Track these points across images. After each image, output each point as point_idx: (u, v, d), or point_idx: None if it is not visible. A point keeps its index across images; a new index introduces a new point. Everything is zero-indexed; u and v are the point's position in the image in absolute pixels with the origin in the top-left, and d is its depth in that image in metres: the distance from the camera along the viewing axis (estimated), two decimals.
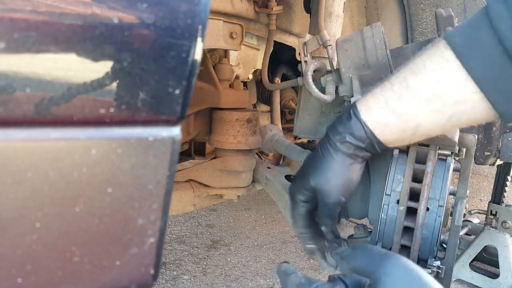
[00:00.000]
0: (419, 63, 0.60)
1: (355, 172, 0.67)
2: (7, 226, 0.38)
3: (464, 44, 0.56)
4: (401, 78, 0.61)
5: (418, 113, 0.60)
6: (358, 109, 0.64)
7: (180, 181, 1.21)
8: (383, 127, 0.63)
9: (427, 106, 0.59)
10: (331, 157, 0.66)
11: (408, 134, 0.63)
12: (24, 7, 0.34)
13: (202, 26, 0.41)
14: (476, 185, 3.73)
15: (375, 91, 0.64)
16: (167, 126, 0.43)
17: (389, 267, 0.47)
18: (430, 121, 0.61)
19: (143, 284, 0.48)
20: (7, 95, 0.35)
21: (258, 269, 2.01)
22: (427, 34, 1.36)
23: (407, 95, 0.60)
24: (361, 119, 0.63)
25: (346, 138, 0.65)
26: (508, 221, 1.89)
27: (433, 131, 0.63)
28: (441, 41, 0.59)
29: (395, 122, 0.62)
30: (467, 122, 0.61)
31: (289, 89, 1.67)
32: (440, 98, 0.58)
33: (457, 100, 0.57)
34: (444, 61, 0.57)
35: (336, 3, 1.07)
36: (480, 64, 0.54)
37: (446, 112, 0.59)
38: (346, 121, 0.65)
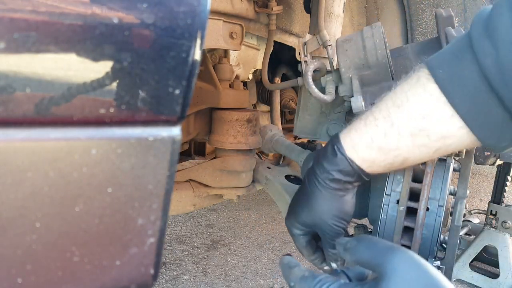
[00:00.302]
0: (401, 94, 0.59)
1: (347, 203, 0.67)
2: (7, 226, 0.38)
3: (448, 78, 0.54)
4: (384, 112, 0.60)
5: (405, 148, 0.59)
6: (342, 146, 0.63)
7: (180, 181, 1.21)
8: (371, 163, 0.62)
9: (413, 142, 0.58)
10: (320, 193, 0.65)
11: (396, 165, 0.63)
12: (24, 7, 0.34)
13: (202, 26, 0.41)
14: (476, 185, 3.73)
15: (358, 126, 0.63)
16: (167, 126, 0.43)
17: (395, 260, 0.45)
18: (417, 154, 0.60)
19: (143, 284, 0.48)
20: (7, 95, 0.35)
21: (258, 269, 2.01)
22: (427, 34, 1.36)
23: (392, 131, 0.59)
24: (347, 157, 0.62)
25: (334, 175, 0.64)
26: (508, 221, 1.89)
27: (421, 161, 0.64)
28: (423, 70, 0.57)
29: (382, 158, 0.61)
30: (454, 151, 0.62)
31: (289, 89, 1.67)
32: (425, 134, 0.57)
33: (443, 135, 0.56)
34: (427, 95, 0.56)
35: (336, 3, 1.07)
36: (465, 99, 0.53)
37: (432, 146, 0.58)
38: (332, 157, 0.64)
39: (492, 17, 0.50)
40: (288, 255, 0.60)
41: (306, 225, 0.69)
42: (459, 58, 0.54)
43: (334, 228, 0.67)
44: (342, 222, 0.67)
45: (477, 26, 0.52)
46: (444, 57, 0.56)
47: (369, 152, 0.61)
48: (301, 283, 0.52)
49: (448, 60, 0.55)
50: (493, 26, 0.50)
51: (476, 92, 0.52)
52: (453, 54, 0.55)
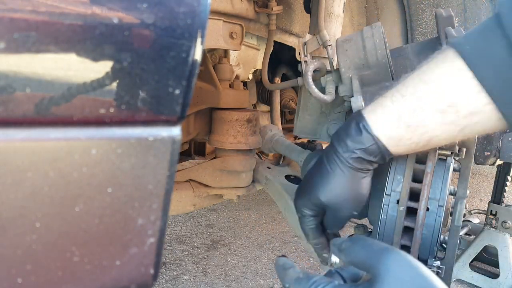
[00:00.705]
0: (429, 72, 0.59)
1: (365, 185, 0.66)
2: (7, 226, 0.38)
3: (475, 53, 0.54)
4: (412, 89, 0.59)
5: (432, 125, 0.59)
6: (368, 123, 0.62)
7: (180, 181, 1.21)
8: (397, 141, 0.61)
9: (441, 119, 0.58)
10: (341, 172, 0.64)
11: (421, 145, 0.62)
12: (24, 7, 0.34)
13: (202, 26, 0.41)
14: (476, 185, 3.73)
15: (384, 102, 0.62)
16: (167, 126, 0.43)
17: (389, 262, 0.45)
18: (443, 133, 0.59)
19: (143, 284, 0.48)
20: (7, 95, 0.35)
21: (258, 269, 2.01)
22: (427, 34, 1.36)
23: (420, 108, 0.58)
24: (373, 134, 0.61)
25: (357, 154, 0.62)
26: (508, 221, 1.89)
27: (445, 141, 0.62)
28: (450, 49, 0.57)
29: (409, 136, 0.60)
30: (478, 132, 0.60)
31: (289, 89, 1.67)
32: (453, 110, 0.57)
33: (470, 111, 0.56)
34: (455, 71, 0.56)
35: (336, 3, 1.07)
36: (492, 74, 0.53)
37: (459, 123, 0.58)
38: (356, 135, 0.62)
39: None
40: (283, 256, 0.60)
41: (321, 205, 0.67)
42: (486, 35, 0.54)
43: (350, 211, 0.66)
44: (359, 206, 0.67)
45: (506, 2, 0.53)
46: (470, 36, 0.57)
47: (396, 129, 0.60)
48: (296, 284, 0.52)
49: (475, 38, 0.56)
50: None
51: (504, 67, 0.52)
52: (480, 32, 0.56)
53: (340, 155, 0.64)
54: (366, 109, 0.64)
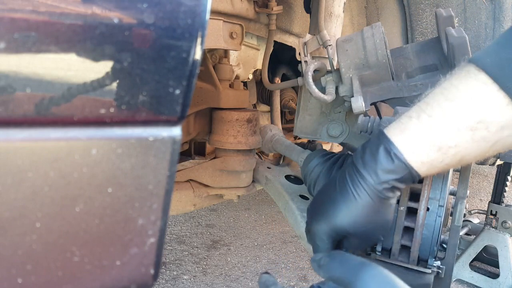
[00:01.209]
0: (452, 88, 0.56)
1: (392, 210, 0.63)
2: (7, 226, 0.38)
3: (498, 65, 0.53)
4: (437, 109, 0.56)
5: (463, 144, 0.56)
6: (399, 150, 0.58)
7: (180, 181, 1.21)
8: (429, 166, 0.58)
9: (472, 136, 0.55)
10: (370, 201, 0.60)
11: (452, 165, 0.59)
12: (24, 7, 0.34)
13: (202, 26, 0.41)
14: (476, 185, 3.73)
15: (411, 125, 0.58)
16: (167, 126, 0.43)
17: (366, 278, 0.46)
18: (474, 151, 0.57)
19: (143, 284, 0.48)
20: (7, 95, 0.35)
21: (258, 269, 2.01)
22: (427, 34, 1.36)
23: (450, 128, 0.56)
24: (407, 163, 0.58)
25: (392, 184, 0.59)
26: (508, 221, 1.89)
27: (476, 159, 0.60)
28: (470, 65, 0.55)
29: (441, 159, 0.58)
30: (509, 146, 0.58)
31: (289, 89, 1.67)
32: (484, 126, 0.54)
33: (501, 125, 0.54)
34: (480, 85, 0.54)
35: (336, 3, 1.07)
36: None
37: (491, 139, 0.55)
38: (387, 164, 0.58)
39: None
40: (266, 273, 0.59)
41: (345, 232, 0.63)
42: (506, 46, 0.54)
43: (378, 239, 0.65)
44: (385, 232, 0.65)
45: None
46: (489, 50, 0.56)
47: (428, 153, 0.57)
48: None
49: (495, 50, 0.55)
50: None
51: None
52: (499, 44, 0.55)
53: (369, 183, 0.60)
54: (390, 131, 0.60)
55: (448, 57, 0.80)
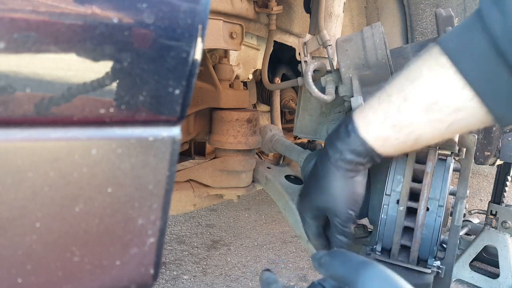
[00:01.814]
0: (415, 70, 0.59)
1: (359, 185, 0.67)
2: (7, 226, 0.38)
3: (458, 49, 0.55)
4: (398, 88, 0.60)
5: (418, 124, 0.59)
6: (356, 125, 0.63)
7: (180, 181, 1.21)
8: (384, 142, 0.62)
9: (427, 117, 0.58)
10: (333, 174, 0.66)
11: (409, 145, 0.62)
12: (24, 7, 0.34)
13: (202, 26, 0.41)
14: (476, 185, 3.73)
15: (372, 103, 0.63)
16: (167, 126, 0.43)
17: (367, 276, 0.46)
18: (430, 131, 0.60)
19: (143, 284, 0.48)
20: (7, 95, 0.35)
21: (258, 269, 2.01)
22: (427, 34, 1.36)
23: (406, 106, 0.59)
24: (360, 136, 0.62)
25: (346, 155, 0.64)
26: (508, 221, 1.89)
27: (433, 140, 0.63)
28: (435, 46, 0.58)
29: (396, 136, 0.61)
30: (465, 128, 0.61)
31: (289, 89, 1.67)
32: (438, 107, 0.57)
33: (455, 108, 0.56)
34: (439, 68, 0.56)
35: (336, 3, 1.07)
36: (474, 68, 0.53)
37: (445, 120, 0.58)
38: (345, 137, 0.64)
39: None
40: (267, 271, 0.60)
41: (318, 208, 0.69)
42: (468, 30, 0.55)
43: (346, 211, 0.67)
44: (355, 205, 0.67)
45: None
46: (454, 32, 0.57)
47: (382, 129, 0.61)
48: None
49: (458, 34, 0.56)
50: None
51: (485, 60, 0.53)
52: (463, 27, 0.56)
53: (330, 157, 0.65)
54: (356, 110, 0.65)
55: None
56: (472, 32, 0.54)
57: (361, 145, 0.62)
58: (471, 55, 0.54)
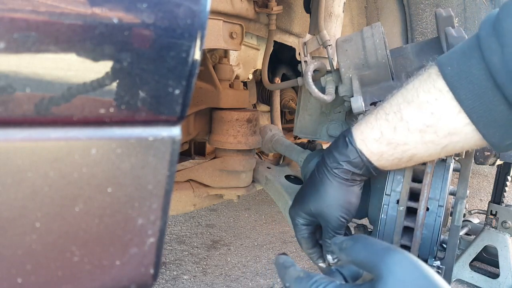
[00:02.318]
0: (412, 91, 0.60)
1: (353, 195, 0.68)
2: (7, 226, 0.38)
3: (456, 75, 0.56)
4: (395, 107, 0.61)
5: (413, 144, 0.61)
6: (353, 138, 0.65)
7: (180, 181, 1.21)
8: (379, 156, 0.64)
9: (421, 138, 0.60)
10: (329, 182, 0.67)
11: (404, 161, 0.64)
12: (24, 7, 0.34)
13: (202, 26, 0.41)
14: (476, 185, 3.73)
15: (370, 120, 0.65)
16: (167, 126, 0.43)
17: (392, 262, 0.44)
18: (425, 151, 0.61)
19: (143, 284, 0.48)
20: (7, 95, 0.35)
21: (258, 269, 2.01)
22: (427, 34, 1.36)
23: (401, 126, 0.60)
24: (357, 148, 0.64)
25: (343, 165, 0.66)
26: (508, 221, 1.89)
27: (429, 158, 0.64)
28: (434, 68, 0.59)
29: (391, 152, 0.63)
30: (461, 149, 0.62)
31: (289, 89, 1.67)
32: (433, 130, 0.58)
33: (449, 132, 0.58)
34: (436, 92, 0.57)
35: (336, 3, 1.07)
36: (471, 95, 0.54)
37: (439, 142, 0.59)
38: (342, 148, 0.66)
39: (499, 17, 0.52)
40: (283, 254, 0.59)
41: (311, 214, 0.71)
42: (467, 56, 0.55)
43: (338, 219, 0.68)
44: (347, 214, 0.68)
45: (485, 26, 0.54)
46: (453, 55, 0.58)
47: (378, 145, 0.63)
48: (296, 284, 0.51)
49: (457, 58, 0.57)
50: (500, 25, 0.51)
51: (482, 89, 0.53)
52: (462, 52, 0.57)
53: (328, 165, 0.68)
54: (355, 125, 0.67)
55: None
56: (471, 60, 0.55)
57: (358, 157, 0.65)
58: (467, 82, 0.54)
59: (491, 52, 0.52)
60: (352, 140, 0.65)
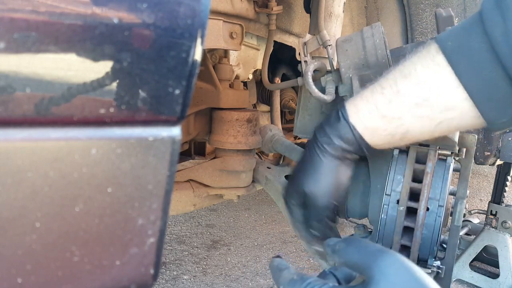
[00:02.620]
0: (410, 66, 0.59)
1: (343, 174, 0.66)
2: (7, 226, 0.38)
3: (456, 49, 0.55)
4: (391, 81, 0.60)
5: (407, 118, 0.59)
6: (346, 111, 0.63)
7: (180, 181, 1.21)
8: (372, 131, 0.62)
9: (416, 112, 0.58)
10: (319, 159, 0.65)
11: (397, 138, 0.62)
12: (24, 7, 0.34)
13: (202, 26, 0.41)
14: (476, 185, 3.73)
15: (365, 94, 0.63)
16: (167, 126, 0.43)
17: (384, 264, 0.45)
18: (419, 127, 0.60)
19: (143, 284, 0.48)
20: (7, 95, 0.35)
21: (258, 269, 2.01)
22: (427, 34, 1.36)
23: (397, 100, 0.59)
24: (350, 122, 0.62)
25: (333, 140, 0.63)
26: (508, 221, 1.89)
27: (422, 136, 0.63)
28: (433, 44, 0.58)
29: (385, 127, 0.61)
30: (456, 128, 0.61)
31: (289, 89, 1.67)
32: (429, 104, 0.57)
33: (446, 106, 0.57)
34: (435, 66, 0.56)
35: (336, 3, 1.07)
36: (471, 70, 0.53)
37: (435, 118, 0.58)
38: (334, 122, 0.63)
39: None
40: (277, 257, 0.59)
41: (301, 193, 0.67)
42: (468, 31, 0.55)
43: (326, 198, 0.65)
44: (336, 194, 0.66)
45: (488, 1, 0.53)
46: (453, 31, 0.57)
47: (372, 119, 0.61)
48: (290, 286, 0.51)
49: (457, 34, 0.56)
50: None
51: (482, 63, 0.53)
52: (463, 28, 0.56)
53: (318, 142, 0.65)
54: (349, 99, 0.65)
55: None
56: (471, 34, 0.54)
57: (350, 132, 0.62)
58: (468, 56, 0.54)
59: (493, 25, 0.51)
60: (345, 114, 0.63)
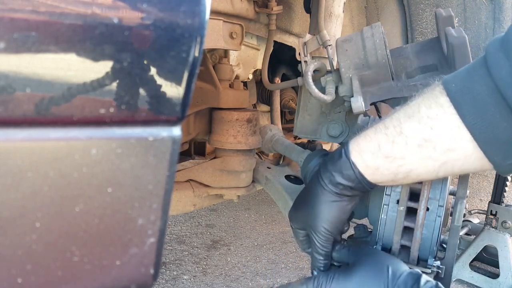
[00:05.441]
0: (414, 106, 0.60)
1: (343, 211, 0.67)
2: (7, 226, 0.38)
3: (460, 91, 0.55)
4: (395, 121, 0.61)
5: (410, 159, 0.59)
6: (349, 149, 0.64)
7: (180, 181, 1.21)
8: (374, 170, 0.63)
9: (419, 153, 0.58)
10: (320, 195, 0.66)
11: (400, 177, 0.63)
12: (24, 7, 0.34)
13: (202, 26, 0.41)
14: (476, 185, 3.73)
15: (368, 132, 0.64)
16: (167, 126, 0.43)
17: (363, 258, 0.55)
18: (422, 168, 0.60)
19: (143, 284, 0.48)
20: (7, 95, 0.35)
21: (258, 269, 2.01)
22: (427, 34, 1.36)
23: (400, 140, 0.59)
24: (350, 159, 0.63)
25: (335, 177, 0.64)
26: (508, 221, 1.89)
27: (427, 176, 0.63)
28: (438, 85, 0.58)
29: (387, 167, 0.61)
30: (461, 170, 0.61)
31: (289, 89, 1.67)
32: (432, 145, 0.57)
33: (449, 147, 0.57)
34: (438, 107, 0.57)
35: (336, 3, 1.07)
36: (474, 111, 0.54)
37: (438, 159, 0.58)
38: (337, 160, 0.65)
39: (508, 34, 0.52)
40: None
41: (301, 223, 0.72)
42: (472, 74, 0.55)
43: (324, 233, 0.67)
44: (335, 229, 0.68)
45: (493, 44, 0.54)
46: (457, 74, 0.58)
47: (374, 159, 0.62)
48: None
49: (462, 76, 0.57)
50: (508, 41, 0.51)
51: (486, 105, 0.53)
52: (467, 71, 0.57)
53: (320, 177, 0.67)
54: (352, 139, 0.66)
55: (448, 57, 0.80)
56: (476, 76, 0.54)
57: (350, 169, 0.63)
58: (471, 98, 0.54)
59: (499, 67, 0.51)
60: (347, 152, 0.64)
